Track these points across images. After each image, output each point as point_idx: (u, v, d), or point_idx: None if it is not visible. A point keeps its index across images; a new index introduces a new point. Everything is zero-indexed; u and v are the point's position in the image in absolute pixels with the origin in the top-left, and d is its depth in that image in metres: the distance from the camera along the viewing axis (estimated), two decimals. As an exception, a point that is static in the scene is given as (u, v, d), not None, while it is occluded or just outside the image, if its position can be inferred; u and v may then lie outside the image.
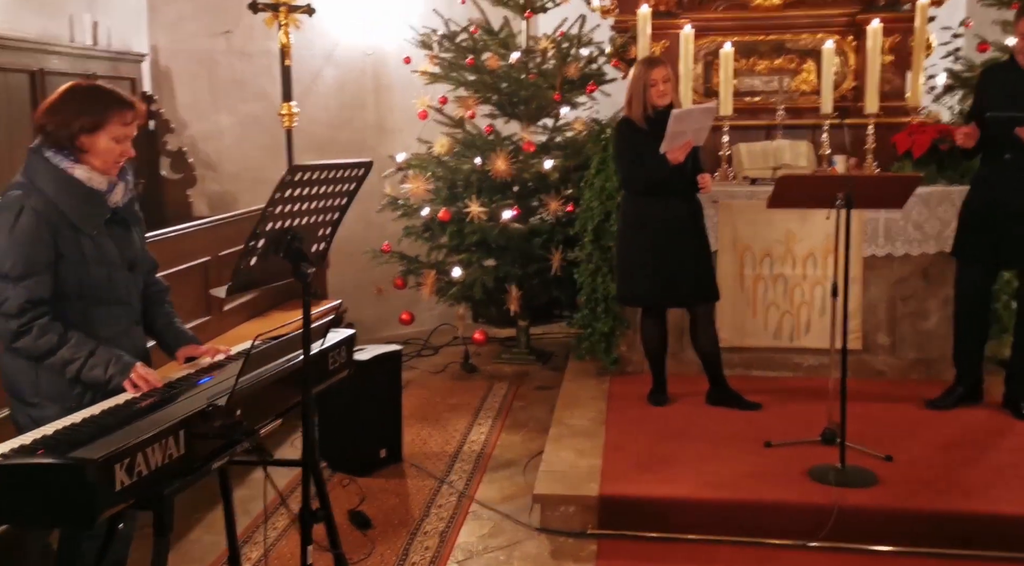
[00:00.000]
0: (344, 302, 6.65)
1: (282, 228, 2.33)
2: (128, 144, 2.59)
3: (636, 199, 4.73)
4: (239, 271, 2.29)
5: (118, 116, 2.53)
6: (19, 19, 4.95)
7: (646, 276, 4.69)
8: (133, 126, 2.59)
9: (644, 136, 4.56)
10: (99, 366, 2.49)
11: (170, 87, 6.52)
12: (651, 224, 4.65)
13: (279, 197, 2.24)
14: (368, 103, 7.28)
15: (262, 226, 2.26)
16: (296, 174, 2.27)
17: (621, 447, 4.31)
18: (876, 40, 5.51)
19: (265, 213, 2.24)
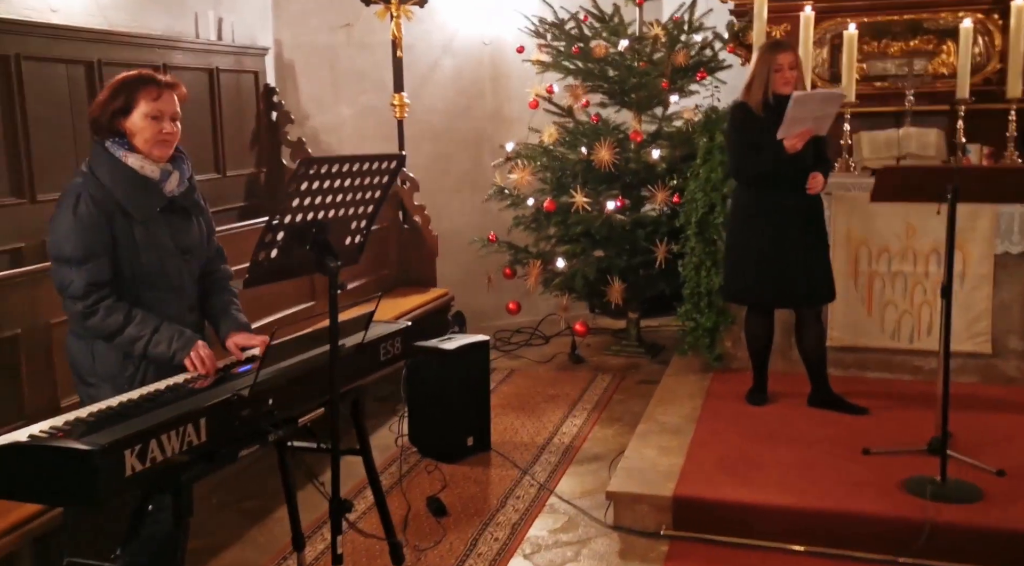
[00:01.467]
0: (455, 290, 6.74)
1: (304, 221, 2.35)
2: (167, 122, 2.65)
3: (748, 190, 4.50)
4: (257, 264, 2.33)
5: (144, 93, 2.62)
6: (145, 17, 5.24)
7: (754, 273, 4.47)
8: (164, 101, 2.64)
9: (760, 123, 4.33)
10: (163, 342, 2.61)
11: (293, 80, 6.76)
12: (762, 217, 4.42)
13: (295, 190, 2.27)
14: (485, 92, 7.33)
15: (279, 219, 2.29)
16: (312, 167, 2.28)
17: (707, 446, 4.18)
18: (1021, 19, 5.11)
19: (281, 206, 2.27)
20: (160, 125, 2.64)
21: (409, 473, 4.35)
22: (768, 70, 4.32)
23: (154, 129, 2.63)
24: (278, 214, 2.29)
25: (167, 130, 2.66)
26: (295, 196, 2.28)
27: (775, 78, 4.30)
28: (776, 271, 4.42)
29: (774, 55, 4.32)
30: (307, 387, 2.57)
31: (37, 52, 4.30)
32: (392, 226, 6.19)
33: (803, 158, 4.32)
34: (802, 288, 4.43)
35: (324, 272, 2.40)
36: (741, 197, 4.56)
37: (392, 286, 6.12)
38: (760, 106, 4.36)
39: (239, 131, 6.00)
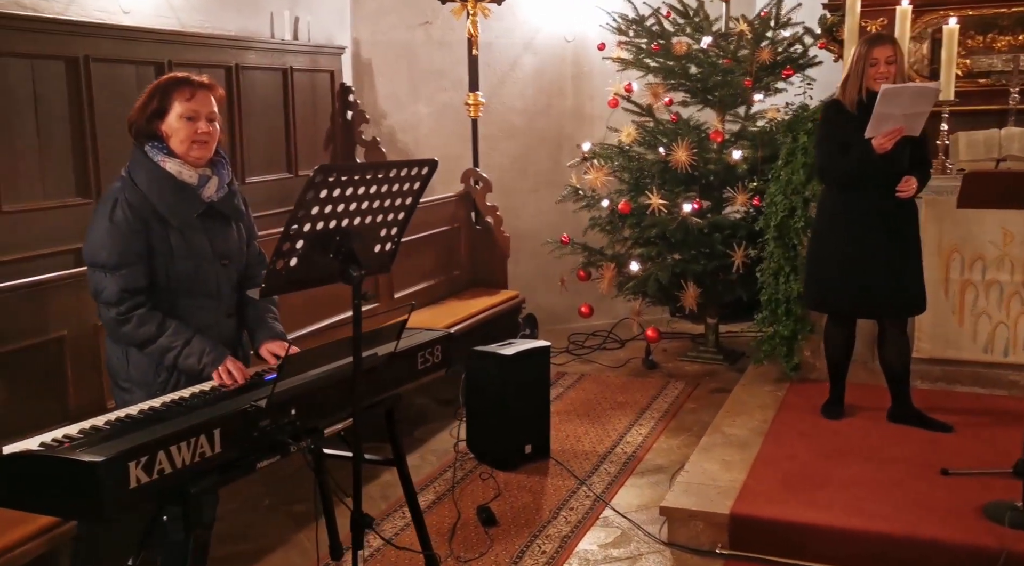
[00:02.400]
0: (530, 291, 6.64)
1: (326, 228, 2.29)
2: (202, 122, 2.61)
3: (833, 192, 4.25)
4: (274, 272, 2.27)
5: (178, 94, 2.59)
6: (220, 18, 5.30)
7: (837, 280, 4.22)
8: (199, 101, 2.61)
9: (853, 122, 4.07)
10: (194, 355, 2.57)
11: (371, 78, 6.77)
12: (848, 221, 4.16)
13: (310, 198, 2.19)
14: (567, 90, 7.21)
15: (294, 227, 2.22)
16: (331, 174, 2.20)
17: (773, 462, 3.98)
18: None
19: (294, 214, 2.20)
20: (195, 125, 2.61)
21: (463, 480, 4.28)
22: (863, 65, 4.06)
23: (189, 129, 2.60)
24: (293, 223, 2.21)
25: (202, 130, 2.62)
26: (310, 204, 2.20)
27: (869, 73, 4.04)
28: (860, 279, 4.16)
29: (870, 49, 4.06)
30: (334, 397, 2.51)
31: (106, 54, 4.38)
32: (464, 226, 6.13)
33: (898, 160, 4.04)
34: (888, 298, 4.16)
35: (347, 281, 2.32)
36: (826, 199, 4.31)
37: (463, 287, 6.06)
38: (854, 103, 4.09)
39: (313, 130, 6.03)
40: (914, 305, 4.23)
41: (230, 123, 5.24)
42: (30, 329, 2.99)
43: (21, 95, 4.03)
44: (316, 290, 4.49)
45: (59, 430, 2.07)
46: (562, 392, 5.63)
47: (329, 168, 2.21)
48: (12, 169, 3.95)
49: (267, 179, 5.61)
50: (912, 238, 4.18)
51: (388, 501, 4.04)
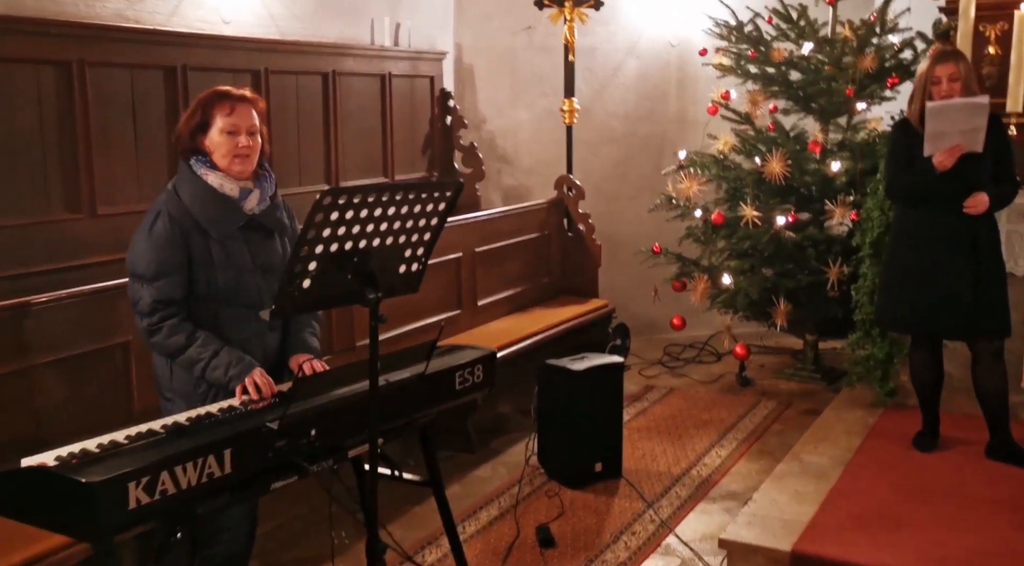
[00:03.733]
0: (626, 300, 6.54)
1: (341, 250, 2.27)
2: (243, 136, 2.65)
3: (904, 209, 4.11)
4: (286, 294, 2.27)
5: (219, 108, 2.64)
6: (319, 26, 5.42)
7: (904, 298, 4.05)
8: (239, 115, 2.65)
9: (919, 140, 3.92)
10: (220, 367, 2.61)
11: (472, 83, 6.80)
12: (917, 239, 4.00)
13: (319, 220, 2.18)
14: (670, 95, 7.07)
15: (304, 249, 2.22)
16: (338, 197, 2.18)
17: (848, 496, 3.78)
18: None
19: (303, 236, 2.20)
20: (235, 139, 2.66)
21: (529, 496, 4.24)
22: (925, 82, 3.88)
23: (230, 144, 2.65)
24: (303, 245, 2.22)
25: (243, 144, 2.66)
26: (319, 226, 2.19)
27: (931, 92, 3.87)
28: (930, 298, 3.97)
29: (932, 66, 3.89)
30: (360, 417, 2.49)
31: (203, 62, 4.53)
32: (555, 233, 6.09)
33: (969, 176, 3.84)
34: (961, 318, 3.92)
35: (364, 303, 2.31)
36: (898, 217, 4.17)
37: (551, 295, 6.02)
38: (919, 121, 3.92)
39: (411, 135, 6.10)
40: (994, 327, 3.96)
41: (325, 128, 5.36)
42: (98, 333, 3.13)
43: (121, 103, 4.22)
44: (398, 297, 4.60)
45: (81, 443, 2.13)
46: (647, 407, 5.52)
47: (337, 191, 2.19)
48: (109, 174, 4.14)
49: (363, 183, 5.70)
50: (989, 256, 3.94)
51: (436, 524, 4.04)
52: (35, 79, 3.89)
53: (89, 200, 4.09)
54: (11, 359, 2.98)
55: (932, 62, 3.94)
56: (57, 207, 4.02)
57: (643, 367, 6.34)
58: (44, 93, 3.92)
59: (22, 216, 3.88)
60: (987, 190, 3.86)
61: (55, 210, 4.01)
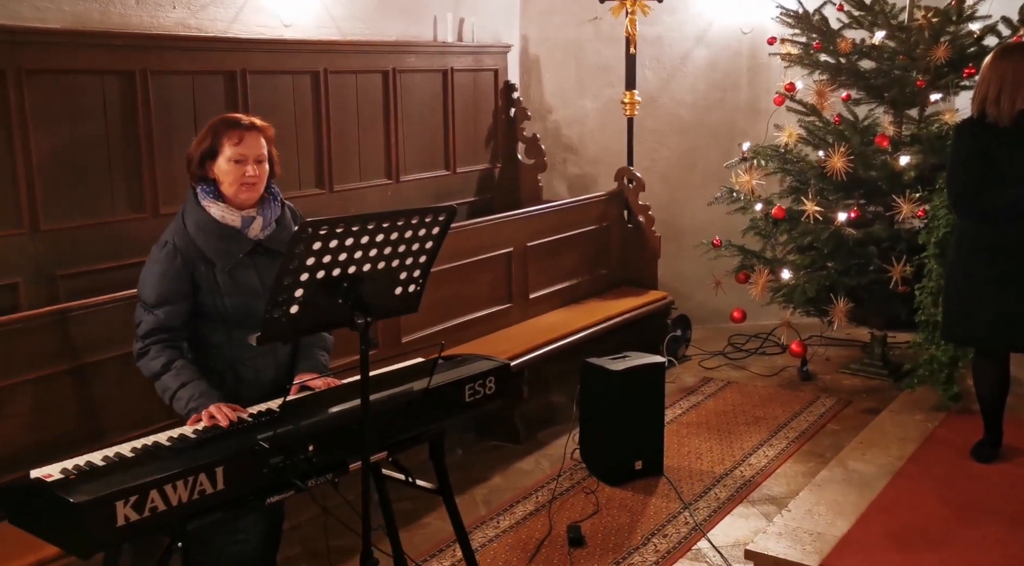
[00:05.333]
0: (692, 289, 6.51)
1: (328, 276, 2.34)
2: (251, 165, 2.71)
3: (976, 221, 3.89)
4: (272, 321, 2.34)
5: (227, 138, 2.71)
6: (380, 25, 5.53)
7: (984, 314, 3.87)
8: (247, 145, 2.70)
9: (1006, 142, 3.74)
10: (183, 400, 2.67)
11: (538, 75, 6.82)
12: (1000, 250, 3.81)
13: (300, 251, 2.25)
14: (741, 84, 6.95)
15: (288, 280, 2.29)
16: (320, 228, 2.24)
17: (891, 509, 3.71)
18: None
19: (284, 267, 2.27)
20: (243, 168, 2.72)
21: (567, 492, 4.31)
22: (1019, 76, 3.68)
23: (237, 173, 2.72)
24: (285, 275, 2.29)
25: (250, 174, 2.73)
26: (301, 257, 2.26)
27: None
28: (1012, 314, 3.81)
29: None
30: (358, 432, 2.57)
31: (262, 66, 4.70)
32: (615, 225, 6.09)
33: None
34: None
35: (353, 328, 2.39)
36: (969, 227, 3.94)
37: (609, 287, 6.03)
38: (1009, 117, 3.72)
39: (474, 128, 6.17)
40: None
41: (385, 125, 5.49)
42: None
43: (182, 108, 4.42)
44: (451, 290, 4.70)
45: (87, 456, 2.28)
46: (700, 401, 5.51)
47: (316, 223, 2.25)
48: (171, 177, 4.35)
49: (424, 176, 5.82)
50: None
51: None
52: (100, 88, 4.11)
53: (152, 201, 4.31)
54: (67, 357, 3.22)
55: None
56: (122, 207, 4.25)
57: (704, 358, 6.30)
58: (109, 101, 4.14)
59: (90, 216, 4.13)
60: None
61: (120, 210, 4.24)
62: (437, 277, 4.73)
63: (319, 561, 3.74)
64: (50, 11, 3.98)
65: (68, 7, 4.04)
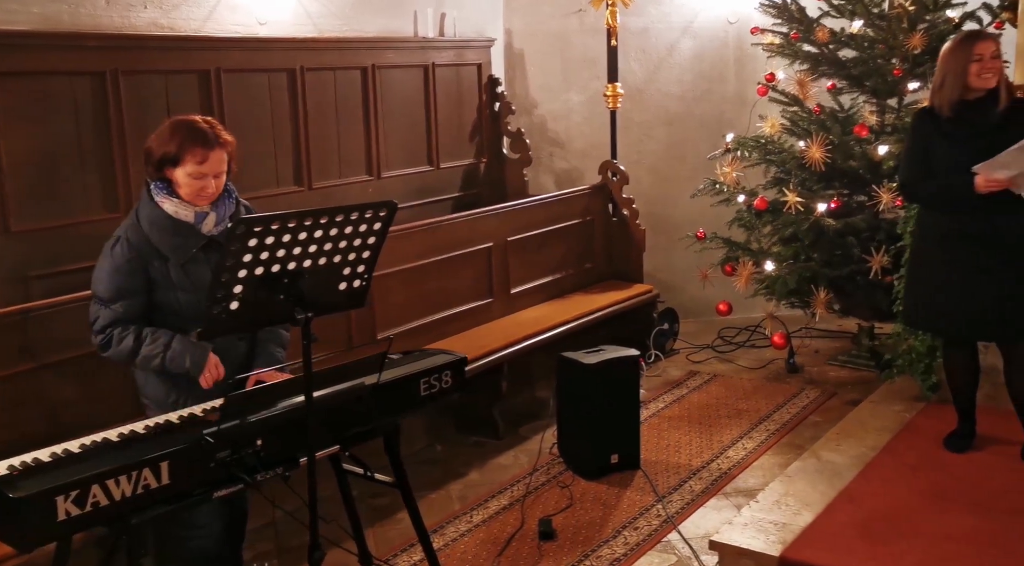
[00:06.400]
0: (682, 282, 6.49)
1: (267, 273, 2.35)
2: (209, 180, 2.75)
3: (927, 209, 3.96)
4: (213, 318, 2.36)
5: (191, 155, 2.73)
6: (359, 21, 5.53)
7: (933, 301, 3.89)
8: (210, 164, 2.74)
9: (944, 131, 3.75)
10: (178, 357, 2.74)
11: (523, 69, 6.81)
12: (948, 238, 3.81)
13: (235, 249, 2.26)
14: (728, 75, 6.92)
15: (225, 276, 2.30)
16: (255, 226, 2.25)
17: (858, 499, 3.69)
18: None
19: (221, 264, 2.29)
20: (202, 183, 2.76)
21: (542, 487, 4.31)
22: (965, 62, 3.66)
23: (195, 186, 2.76)
24: (222, 272, 2.31)
25: (209, 189, 2.78)
26: (237, 254, 2.28)
27: (972, 70, 3.64)
28: (959, 302, 3.81)
29: (973, 44, 3.66)
30: (322, 424, 2.59)
31: (237, 65, 4.71)
32: (599, 219, 6.09)
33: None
34: (992, 323, 3.76)
35: (294, 323, 2.41)
36: (923, 214, 3.99)
37: (595, 281, 6.02)
38: (951, 104, 3.72)
39: (457, 123, 6.17)
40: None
41: (365, 121, 5.49)
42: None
43: (156, 108, 4.43)
44: (431, 285, 4.70)
45: (37, 452, 2.30)
46: (685, 394, 5.50)
47: (250, 220, 2.28)
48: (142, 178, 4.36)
49: (407, 172, 5.83)
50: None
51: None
52: (71, 89, 4.13)
53: (126, 200, 4.32)
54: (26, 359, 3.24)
55: (971, 41, 3.72)
56: (95, 208, 4.27)
57: (692, 352, 6.29)
58: (81, 102, 4.17)
59: (63, 217, 4.16)
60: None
61: (94, 211, 4.27)
62: (415, 272, 4.77)
63: (292, 556, 3.75)
64: (19, 13, 4.01)
65: (37, 8, 4.07)
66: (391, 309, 4.61)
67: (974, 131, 3.69)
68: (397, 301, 4.64)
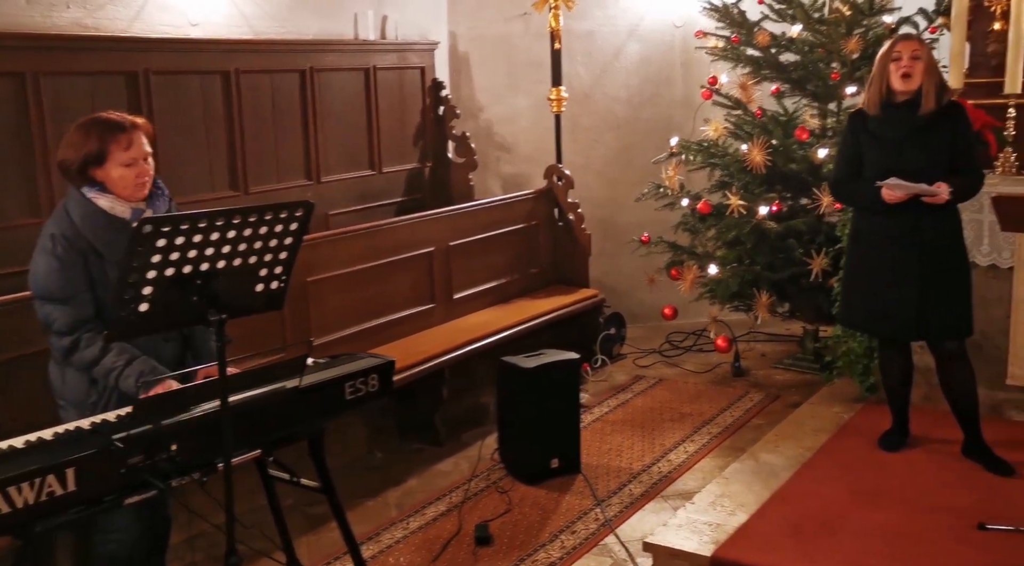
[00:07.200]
0: (631, 287, 6.46)
1: (178, 274, 2.29)
2: (142, 165, 2.69)
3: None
4: (121, 320, 2.29)
5: (115, 145, 2.66)
6: (297, 23, 5.46)
7: (860, 299, 3.94)
8: (136, 148, 2.68)
9: (871, 130, 3.78)
10: (132, 376, 2.67)
11: (468, 72, 6.77)
12: (870, 238, 3.87)
13: (140, 250, 2.20)
14: (675, 78, 6.93)
15: (133, 277, 2.24)
16: (162, 225, 2.19)
17: (792, 499, 3.68)
18: None
19: (127, 265, 2.22)
20: (135, 170, 2.70)
21: (481, 493, 4.25)
22: (886, 62, 3.70)
23: (131, 176, 2.69)
24: (128, 273, 2.24)
25: (143, 173, 2.71)
26: (141, 255, 2.21)
27: (892, 69, 3.67)
28: (881, 300, 3.84)
29: (894, 43, 3.72)
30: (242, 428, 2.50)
31: (167, 66, 4.62)
32: (544, 223, 6.05)
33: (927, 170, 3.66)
34: (912, 321, 3.78)
35: (207, 324, 2.34)
36: (854, 214, 4.03)
37: (541, 286, 5.99)
38: (875, 104, 3.76)
39: (400, 127, 6.12)
40: (951, 327, 3.80)
41: (304, 125, 5.42)
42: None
43: (81, 111, 4.23)
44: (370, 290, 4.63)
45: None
46: (630, 398, 5.47)
47: (156, 220, 2.22)
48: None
49: (347, 177, 5.76)
50: (950, 252, 3.77)
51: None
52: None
53: (48, 205, 4.19)
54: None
55: (893, 41, 3.78)
56: (16, 212, 4.16)
57: (639, 356, 6.26)
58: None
59: (-20, 221, 4.04)
60: (949, 181, 3.69)
61: (15, 215, 4.15)
62: (353, 277, 4.70)
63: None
64: (-65, 13, 3.90)
65: (-46, 7, 3.96)
66: (328, 314, 4.53)
67: (897, 133, 3.72)
68: (335, 306, 4.56)
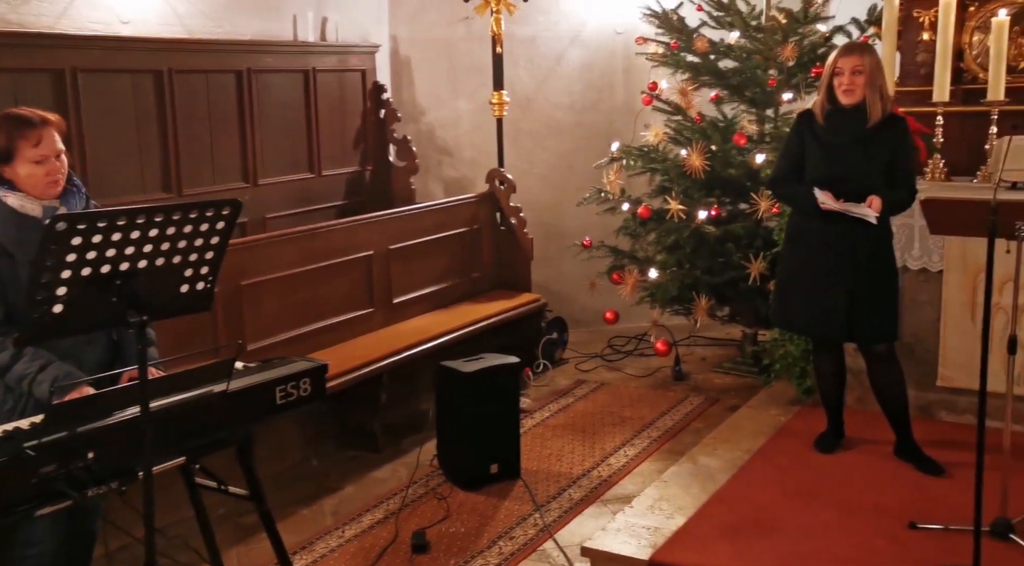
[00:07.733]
0: (574, 292, 6.45)
1: (96, 273, 2.20)
2: (53, 162, 2.60)
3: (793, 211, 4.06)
4: (35, 322, 2.20)
5: (23, 141, 2.57)
6: (234, 23, 5.36)
7: (794, 300, 3.99)
8: (46, 144, 2.60)
9: (815, 134, 3.85)
10: (46, 382, 2.57)
11: (410, 76, 6.73)
12: (804, 241, 3.92)
13: (53, 249, 2.12)
14: (617, 85, 6.95)
15: (45, 277, 2.15)
16: (78, 223, 2.10)
17: (728, 502, 3.70)
18: None
19: (40, 264, 2.14)
20: (47, 167, 2.61)
21: (419, 500, 4.19)
22: (830, 73, 3.77)
23: (41, 173, 2.61)
24: (41, 273, 2.15)
25: (55, 170, 2.63)
26: (55, 254, 2.12)
27: (835, 83, 3.73)
28: (810, 303, 3.90)
29: (837, 57, 3.77)
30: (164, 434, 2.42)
31: (96, 64, 4.50)
32: (486, 227, 6.02)
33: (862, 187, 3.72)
34: (840, 324, 3.83)
35: (128, 326, 2.26)
36: (791, 215, 4.08)
37: (483, 290, 5.95)
38: (821, 113, 3.83)
39: (340, 130, 6.04)
40: (878, 332, 3.87)
41: (240, 127, 5.32)
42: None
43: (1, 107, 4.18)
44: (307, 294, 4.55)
45: None
46: (571, 403, 5.46)
47: (71, 217, 2.13)
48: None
49: (286, 180, 5.66)
50: (879, 259, 3.84)
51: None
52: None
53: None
54: None
55: (837, 54, 3.82)
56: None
57: (581, 361, 6.26)
58: (-86, 101, 3.90)
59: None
60: (881, 194, 3.74)
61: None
62: (289, 281, 4.61)
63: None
64: None
65: None
66: (263, 318, 4.44)
67: (842, 138, 3.78)
68: (271, 310, 4.48)
